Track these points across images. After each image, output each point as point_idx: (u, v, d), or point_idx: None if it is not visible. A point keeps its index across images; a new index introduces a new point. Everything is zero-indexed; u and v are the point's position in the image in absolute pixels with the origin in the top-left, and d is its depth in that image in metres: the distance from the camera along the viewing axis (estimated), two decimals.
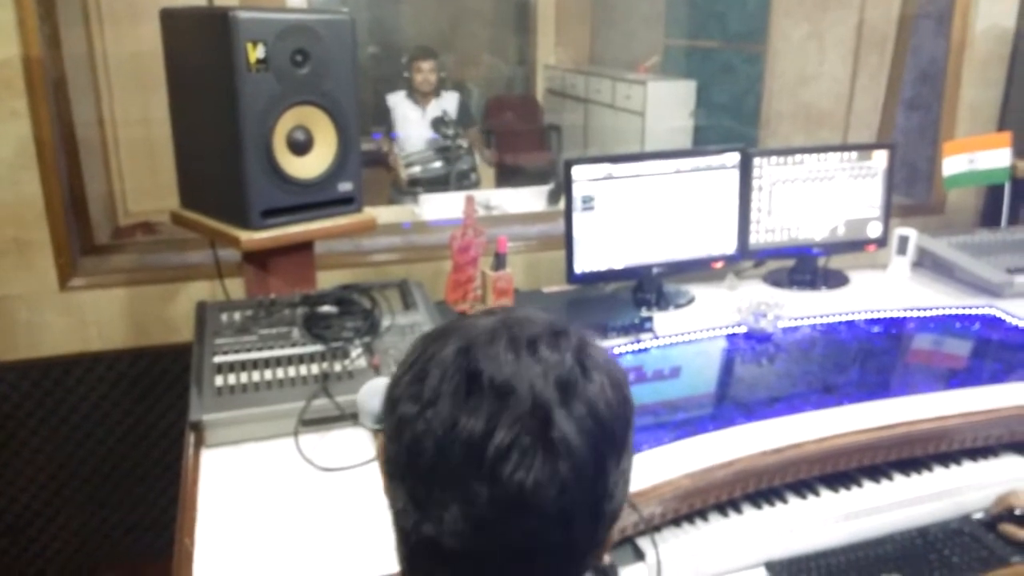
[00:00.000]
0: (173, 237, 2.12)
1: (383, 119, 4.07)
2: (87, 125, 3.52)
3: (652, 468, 1.34)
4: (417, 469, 0.64)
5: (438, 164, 3.87)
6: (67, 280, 1.88)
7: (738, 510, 1.41)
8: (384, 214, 2.73)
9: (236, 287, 1.88)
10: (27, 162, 1.74)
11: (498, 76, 5.83)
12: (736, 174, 2.02)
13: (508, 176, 4.64)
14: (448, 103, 4.08)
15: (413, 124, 4.04)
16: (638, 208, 1.95)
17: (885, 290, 2.13)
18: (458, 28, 5.80)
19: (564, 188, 1.88)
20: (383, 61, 5.08)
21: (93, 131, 3.70)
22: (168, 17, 1.60)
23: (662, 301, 2.01)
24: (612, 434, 0.65)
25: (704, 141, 4.20)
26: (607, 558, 0.72)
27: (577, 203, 1.88)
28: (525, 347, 0.64)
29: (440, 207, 2.80)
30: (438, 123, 3.86)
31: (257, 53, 1.50)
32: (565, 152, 5.12)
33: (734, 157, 2.01)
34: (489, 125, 5.21)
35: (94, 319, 1.94)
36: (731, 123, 4.09)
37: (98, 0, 3.82)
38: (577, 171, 1.87)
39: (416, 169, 3.86)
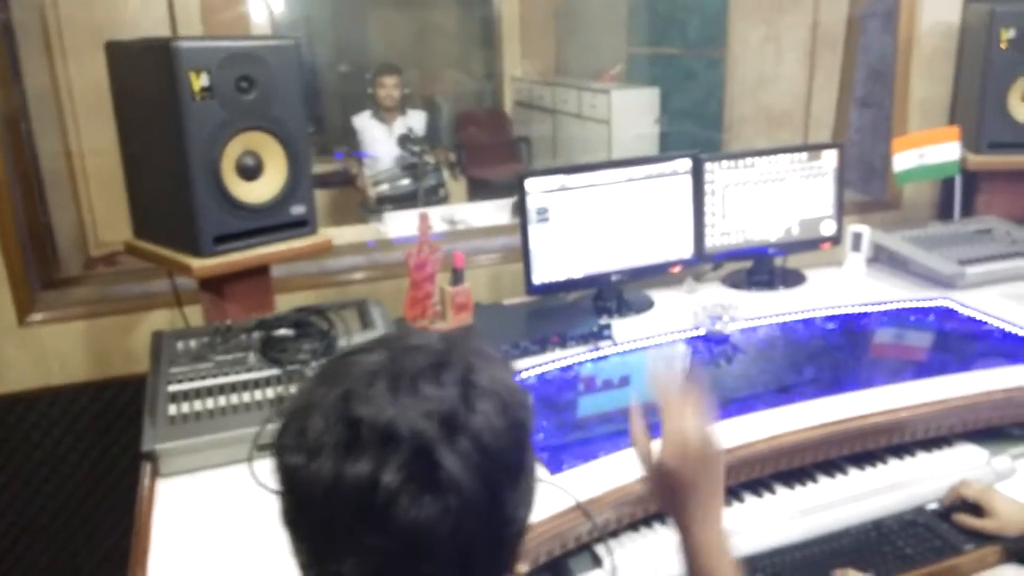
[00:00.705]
0: (135, 267, 2.12)
1: (352, 138, 4.10)
2: (53, 156, 3.52)
3: (606, 474, 1.35)
4: (310, 523, 0.64)
5: (406, 181, 3.90)
6: (26, 315, 1.87)
7: None
8: (348, 233, 2.75)
9: (196, 314, 1.88)
10: None
11: (466, 90, 5.87)
12: (688, 179, 2.04)
13: (479, 190, 4.67)
14: (414, 121, 4.11)
15: (380, 143, 4.07)
16: (594, 217, 1.97)
17: (841, 287, 2.16)
18: (425, 44, 5.84)
19: (518, 201, 1.89)
20: (351, 79, 5.10)
21: (60, 162, 3.70)
22: (112, 49, 1.62)
23: (623, 308, 2.03)
24: (503, 462, 0.65)
25: (669, 147, 4.23)
26: (522, 567, 0.72)
27: (532, 215, 1.90)
28: (406, 386, 0.64)
29: (405, 224, 2.81)
30: (404, 140, 3.88)
31: (201, 81, 1.51)
32: (536, 163, 5.16)
33: (686, 163, 2.04)
34: (459, 139, 5.24)
35: (55, 353, 1.93)
36: (695, 128, 4.13)
37: (60, 31, 3.84)
38: (530, 183, 1.89)
39: (384, 187, 3.89)
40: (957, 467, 1.55)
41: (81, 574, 2.12)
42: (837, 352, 1.82)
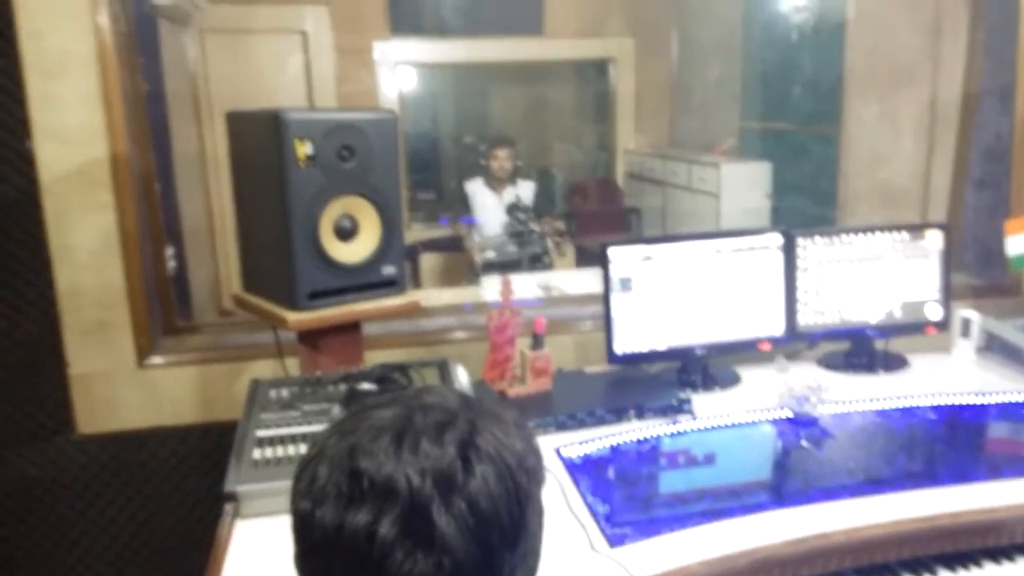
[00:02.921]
0: (245, 319, 2.28)
1: (465, 204, 4.27)
2: (196, 215, 3.85)
3: (667, 553, 1.32)
4: (314, 568, 0.68)
5: (512, 248, 3.99)
6: (144, 358, 2.04)
7: None
8: (446, 295, 2.85)
9: (295, 365, 1.99)
10: (111, 250, 1.93)
11: (580, 161, 6.00)
12: (780, 255, 2.01)
13: (588, 259, 4.71)
14: (524, 190, 4.22)
15: (490, 210, 4.20)
16: (679, 289, 1.97)
17: (947, 375, 2.04)
18: (542, 117, 6.04)
19: (602, 270, 1.92)
20: (472, 150, 5.32)
21: (201, 221, 4.04)
22: (232, 119, 1.78)
23: (707, 383, 2.00)
24: (500, 526, 0.66)
25: (780, 222, 4.16)
26: None
27: (615, 284, 1.92)
28: (409, 443, 0.66)
29: None
30: (512, 209, 4.00)
31: (306, 149, 1.64)
32: (645, 234, 5.17)
33: (776, 238, 2.00)
34: (570, 208, 5.34)
35: (168, 395, 2.08)
36: (807, 204, 4.05)
37: (209, 101, 4.24)
38: (614, 253, 1.91)
39: (491, 253, 3.99)
40: None
41: None
42: (935, 444, 1.72)
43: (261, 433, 1.55)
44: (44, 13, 1.81)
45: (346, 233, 1.74)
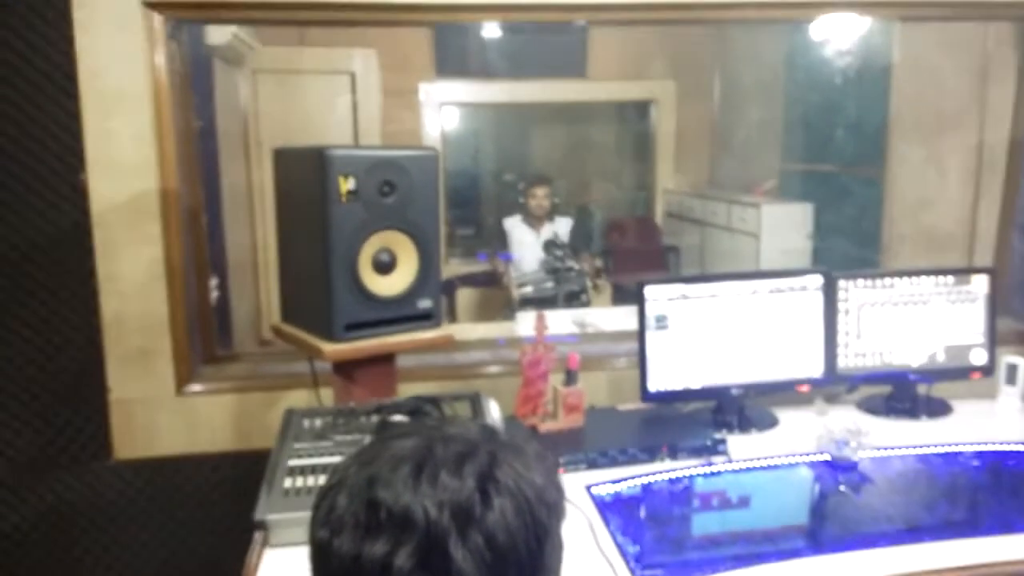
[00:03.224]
0: (283, 349, 2.31)
1: (503, 240, 4.31)
2: (240, 248, 3.94)
3: None
4: None
5: (549, 285, 4.00)
6: (183, 385, 2.07)
7: None
8: (481, 329, 2.86)
9: (330, 396, 2.01)
10: (157, 280, 1.98)
11: (619, 200, 6.01)
12: (820, 296, 1.98)
13: (624, 297, 4.69)
14: (561, 227, 4.25)
15: (528, 247, 4.23)
16: (714, 328, 1.95)
17: (991, 421, 1.99)
18: (583, 156, 6.09)
19: (638, 308, 1.91)
20: (512, 187, 5.38)
21: (246, 253, 4.13)
22: (279, 155, 1.83)
23: (743, 424, 1.97)
24: (517, 561, 0.65)
25: (821, 263, 4.11)
26: None
27: (650, 322, 1.91)
28: (428, 474, 0.66)
29: None
30: (549, 246, 4.02)
31: (348, 185, 1.67)
32: (683, 272, 5.14)
33: (816, 279, 1.98)
34: (608, 246, 5.34)
35: (206, 422, 2.11)
36: (849, 246, 3.99)
37: (258, 138, 4.36)
38: (650, 291, 1.91)
39: (528, 289, 4.01)
40: None
41: None
42: (979, 492, 1.66)
43: (293, 462, 1.57)
44: (105, 53, 1.88)
45: (384, 267, 1.76)
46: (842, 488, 1.68)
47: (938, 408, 2.07)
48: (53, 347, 1.99)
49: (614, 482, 1.68)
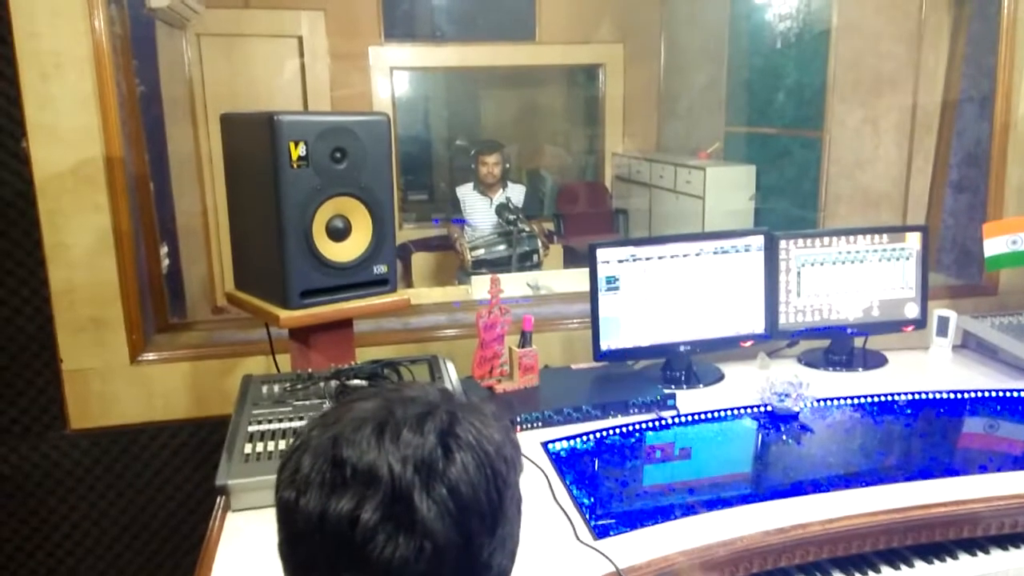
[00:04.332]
0: (239, 316, 2.31)
1: (457, 206, 4.33)
2: (190, 214, 3.86)
3: (651, 544, 1.36)
4: (297, 555, 0.70)
5: (501, 247, 4.04)
6: (137, 355, 2.06)
7: None
8: (436, 293, 2.88)
9: (287, 362, 2.02)
10: (106, 249, 1.95)
11: (570, 164, 6.05)
12: (761, 255, 2.06)
13: (575, 259, 4.76)
14: (514, 194, 4.27)
15: (480, 212, 4.25)
16: (663, 288, 2.01)
17: (924, 372, 2.10)
18: (533, 121, 6.09)
19: (590, 269, 1.96)
20: (464, 153, 5.38)
21: (196, 220, 4.06)
22: (226, 121, 1.81)
23: (691, 379, 2.04)
24: (479, 511, 0.68)
25: (763, 223, 4.22)
26: None
27: (602, 284, 1.96)
28: (390, 433, 0.68)
29: None
30: (501, 209, 4.04)
31: (299, 151, 1.67)
32: (632, 234, 5.23)
33: (759, 239, 2.05)
34: (559, 210, 5.39)
35: (161, 391, 2.11)
36: (790, 206, 4.11)
37: (204, 103, 4.26)
38: (602, 253, 1.95)
39: (480, 252, 4.04)
40: None
41: None
42: (912, 439, 1.76)
43: (252, 428, 1.58)
44: (41, 15, 1.83)
45: (338, 233, 1.77)
46: (784, 438, 1.76)
47: (874, 360, 2.17)
48: (1, 319, 1.96)
49: (569, 438, 1.74)
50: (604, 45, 5.54)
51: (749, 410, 1.88)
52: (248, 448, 1.52)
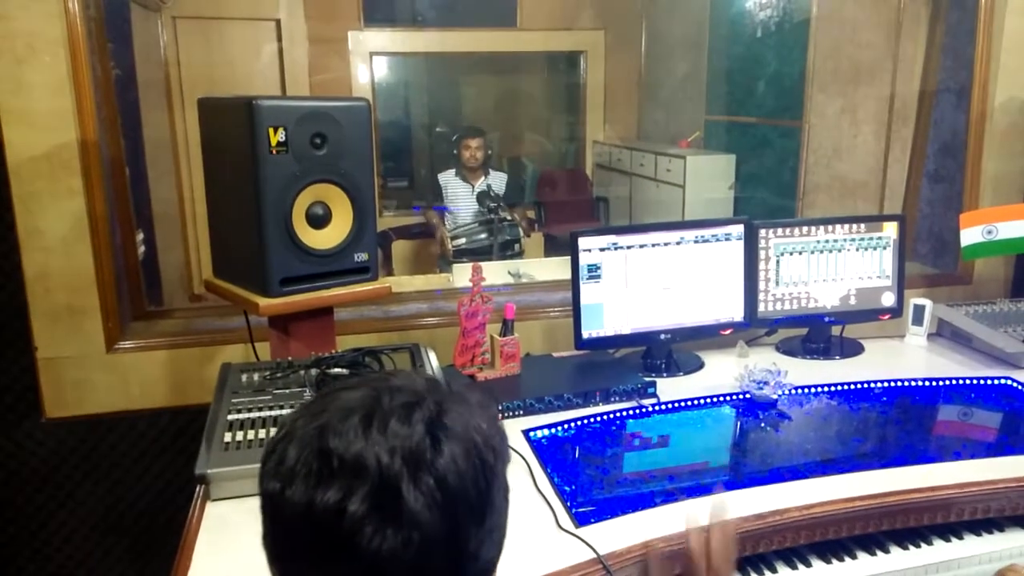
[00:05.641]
0: (217, 304, 2.28)
1: (439, 193, 4.31)
2: (167, 201, 3.81)
3: (631, 531, 1.37)
4: (283, 546, 0.69)
5: (483, 236, 4.03)
6: (114, 342, 2.04)
7: None
8: (417, 281, 2.87)
9: (266, 350, 2.01)
10: (81, 235, 1.92)
11: (551, 152, 6.05)
12: (741, 244, 2.07)
13: (556, 246, 4.76)
14: (495, 182, 4.25)
15: (462, 199, 4.24)
16: (644, 277, 2.02)
17: (899, 359, 2.12)
18: (514, 108, 6.07)
19: (571, 258, 1.96)
20: (444, 139, 5.36)
21: (173, 206, 4.00)
22: (204, 105, 1.79)
23: (671, 367, 2.05)
24: (467, 502, 0.68)
25: (742, 212, 4.26)
26: None
27: (583, 272, 1.96)
28: (377, 423, 0.67)
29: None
30: (482, 197, 4.03)
31: (278, 137, 1.65)
32: (612, 222, 5.24)
33: (738, 228, 2.06)
34: (540, 197, 5.39)
35: (137, 379, 2.08)
36: (769, 195, 4.14)
37: (181, 87, 4.20)
38: (583, 242, 1.96)
39: (461, 240, 4.03)
40: (1006, 552, 1.50)
41: None
42: (888, 426, 1.79)
43: (232, 416, 1.57)
44: None
45: (318, 220, 1.75)
46: (762, 425, 1.78)
47: (851, 348, 2.20)
48: None
49: (550, 426, 1.74)
50: (586, 32, 5.53)
51: (728, 398, 1.89)
52: (228, 437, 1.51)
